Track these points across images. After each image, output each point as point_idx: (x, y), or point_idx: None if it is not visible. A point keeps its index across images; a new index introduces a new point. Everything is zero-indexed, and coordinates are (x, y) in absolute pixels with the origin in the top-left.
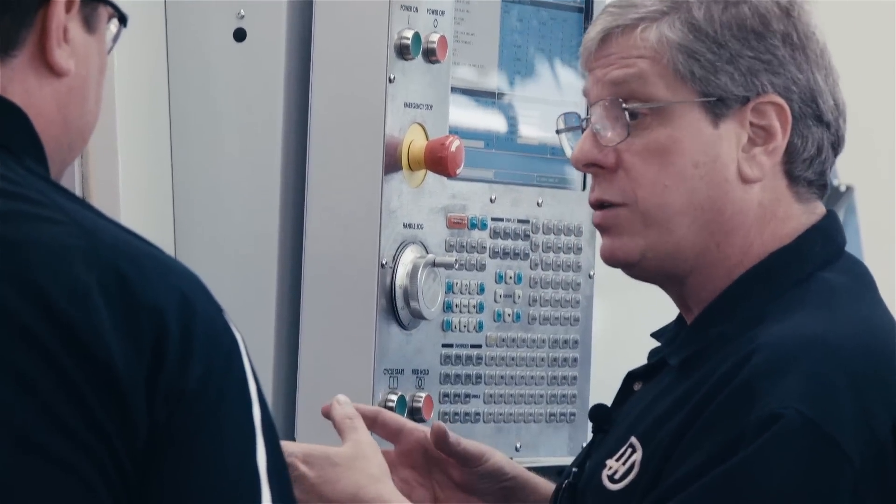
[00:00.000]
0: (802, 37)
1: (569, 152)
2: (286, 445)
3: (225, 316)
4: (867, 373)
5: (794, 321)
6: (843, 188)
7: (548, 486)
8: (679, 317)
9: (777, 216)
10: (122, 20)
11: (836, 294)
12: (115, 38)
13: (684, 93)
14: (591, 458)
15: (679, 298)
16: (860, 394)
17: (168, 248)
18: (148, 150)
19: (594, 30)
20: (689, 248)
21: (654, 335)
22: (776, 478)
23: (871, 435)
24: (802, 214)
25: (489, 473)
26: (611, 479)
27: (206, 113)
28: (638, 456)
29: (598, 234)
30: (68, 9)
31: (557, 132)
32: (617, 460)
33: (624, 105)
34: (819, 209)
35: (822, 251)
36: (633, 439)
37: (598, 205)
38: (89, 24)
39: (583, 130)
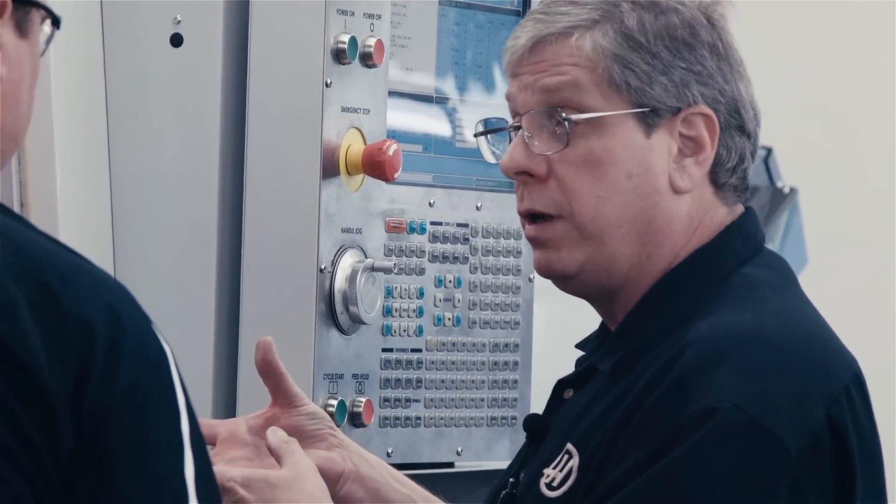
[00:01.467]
0: (727, 46)
1: (489, 157)
2: (225, 471)
3: (154, 328)
4: (799, 363)
5: (721, 317)
6: (786, 190)
7: (375, 456)
8: (602, 324)
9: (703, 223)
10: (56, 23)
11: (759, 288)
12: (49, 40)
13: (618, 102)
14: (527, 467)
15: (607, 312)
16: (793, 384)
17: (106, 253)
18: (85, 155)
19: (524, 35)
20: (623, 260)
21: (578, 346)
22: (714, 472)
23: (807, 425)
24: (726, 217)
25: (314, 414)
26: (549, 486)
27: (144, 118)
28: (575, 462)
29: None
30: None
31: (475, 135)
32: (554, 468)
33: (561, 116)
34: (738, 208)
35: (742, 248)
36: (569, 445)
37: (528, 215)
38: (21, 29)
39: (510, 137)
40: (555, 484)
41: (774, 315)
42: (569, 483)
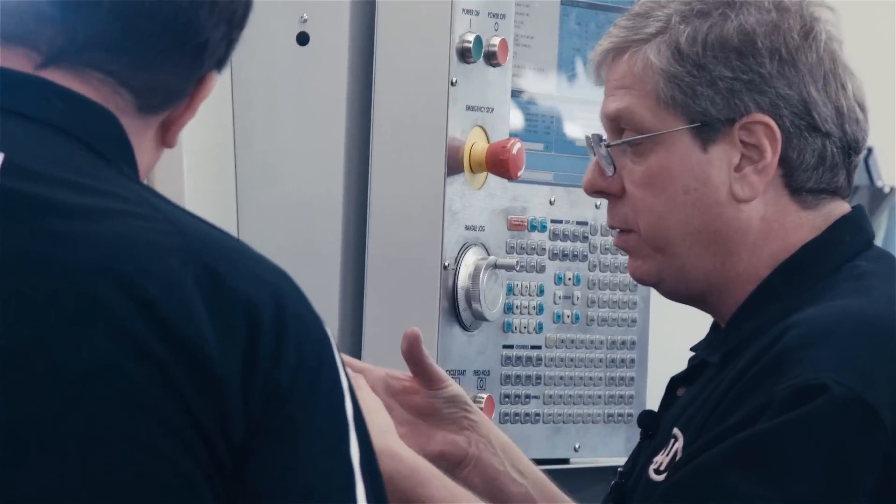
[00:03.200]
0: (793, 50)
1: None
2: None
3: (315, 311)
4: None
5: (828, 302)
6: (886, 189)
7: (507, 438)
8: (713, 325)
9: (785, 226)
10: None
11: (868, 278)
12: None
13: (669, 120)
14: (639, 461)
15: (711, 313)
16: (893, 366)
17: None
18: (212, 155)
19: (597, 49)
20: (695, 269)
21: (693, 348)
22: (809, 443)
23: None
24: (816, 217)
25: (453, 398)
26: (657, 471)
27: (270, 116)
28: (680, 443)
29: None
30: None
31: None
32: (662, 454)
33: (606, 143)
34: (839, 208)
35: (852, 241)
36: (675, 430)
37: (611, 228)
38: None
39: (593, 155)
40: (661, 468)
41: (881, 300)
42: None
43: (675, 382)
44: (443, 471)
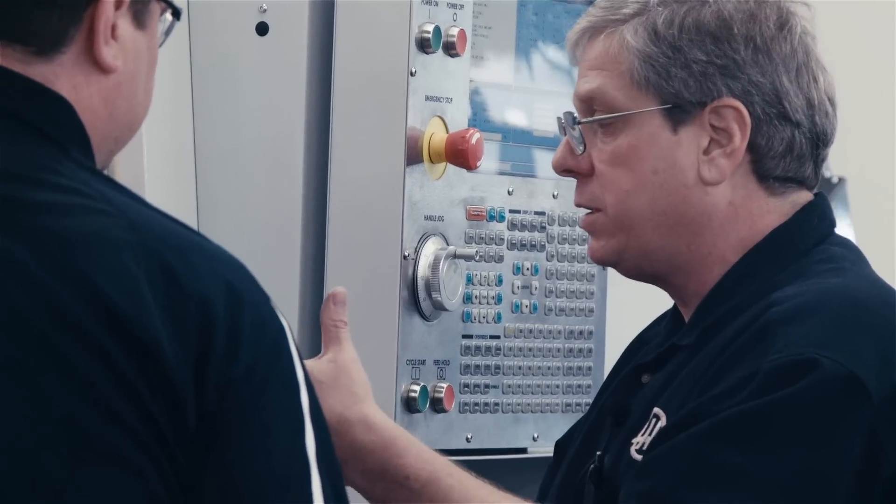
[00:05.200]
0: (768, 39)
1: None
2: None
3: (272, 304)
4: (884, 320)
5: (808, 281)
6: (835, 180)
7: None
8: (674, 309)
9: (751, 212)
10: (176, 14)
11: (840, 260)
12: (168, 31)
13: (643, 100)
14: (612, 446)
15: (674, 294)
16: (878, 339)
17: None
18: (171, 144)
19: (574, 28)
20: (658, 250)
21: (645, 331)
22: (801, 419)
23: (889, 377)
24: (784, 205)
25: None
26: (639, 451)
27: (229, 106)
28: (662, 422)
29: None
30: (117, 6)
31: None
32: (642, 434)
33: (577, 120)
34: (803, 196)
35: (819, 226)
36: (656, 409)
37: (579, 207)
38: (139, 21)
39: (564, 135)
40: (644, 447)
41: (858, 279)
42: None
43: (639, 369)
44: None
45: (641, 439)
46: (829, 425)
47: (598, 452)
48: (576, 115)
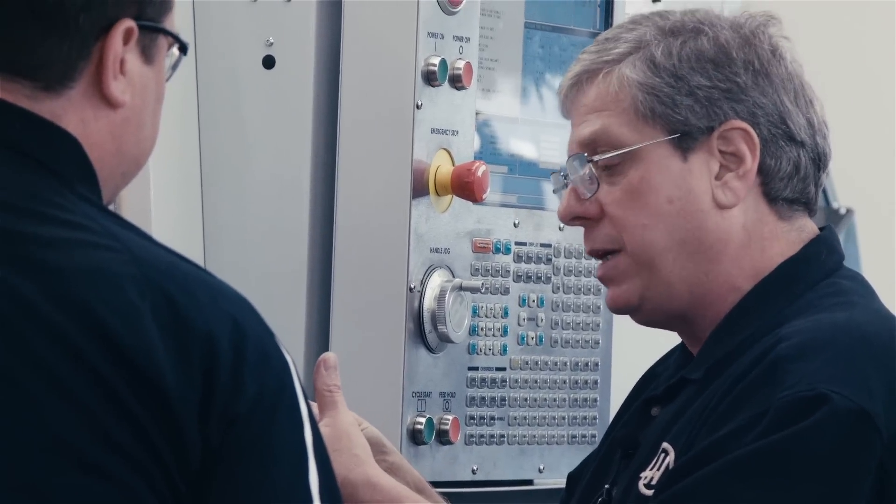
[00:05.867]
0: (765, 62)
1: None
2: None
3: (276, 339)
4: (892, 355)
5: (816, 315)
6: (842, 211)
7: (420, 477)
8: (683, 345)
9: (763, 236)
10: (183, 49)
11: (848, 294)
12: (175, 66)
13: (649, 132)
14: (621, 478)
15: (689, 334)
16: (886, 372)
17: None
18: (178, 178)
19: (566, 77)
20: (679, 282)
21: (656, 364)
22: (812, 456)
23: None
24: (790, 231)
25: (370, 442)
26: (647, 486)
27: (236, 139)
28: (671, 458)
29: None
30: (126, 41)
31: (555, 192)
32: (650, 469)
33: (587, 158)
34: (809, 225)
35: (827, 260)
36: (665, 444)
37: (593, 255)
38: (147, 55)
39: (566, 185)
40: (653, 483)
41: (866, 313)
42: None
43: (649, 402)
44: None
45: (650, 474)
46: (842, 461)
47: (606, 486)
48: (585, 155)
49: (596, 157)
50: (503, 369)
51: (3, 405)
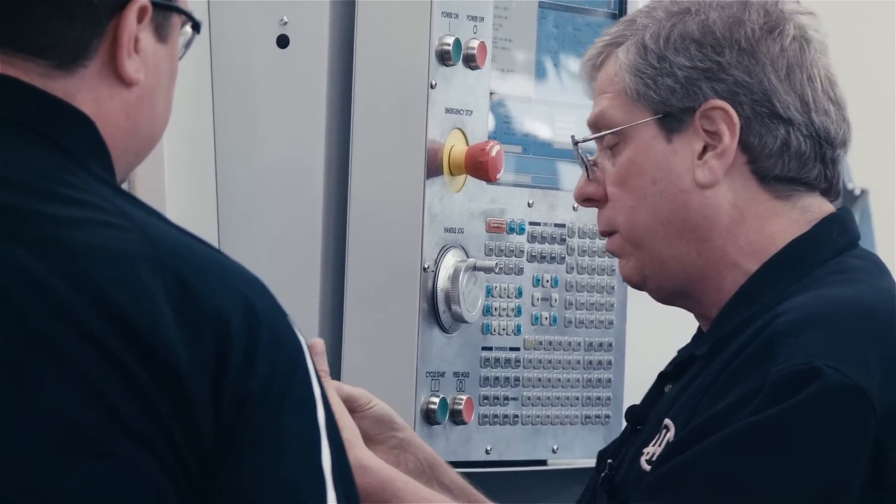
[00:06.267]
0: (753, 41)
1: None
2: None
3: (288, 319)
4: (892, 330)
5: (817, 291)
6: (857, 192)
7: (432, 452)
8: (698, 330)
9: (759, 214)
10: (196, 27)
11: (855, 271)
12: (188, 44)
13: (637, 115)
14: (627, 454)
15: (697, 312)
16: (884, 349)
17: None
18: (192, 155)
19: (581, 63)
20: (671, 260)
21: (681, 351)
22: (805, 431)
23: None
24: (792, 210)
25: (380, 418)
26: (649, 462)
27: (250, 118)
28: (671, 433)
29: None
30: (140, 19)
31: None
32: (653, 445)
33: (576, 140)
34: (818, 204)
35: (839, 239)
36: (666, 420)
37: (601, 235)
38: (161, 34)
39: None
40: (653, 458)
41: (871, 289)
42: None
43: (662, 378)
44: None
45: (652, 449)
46: (837, 435)
47: (609, 461)
48: (588, 136)
49: (590, 138)
50: (517, 349)
51: (12, 383)
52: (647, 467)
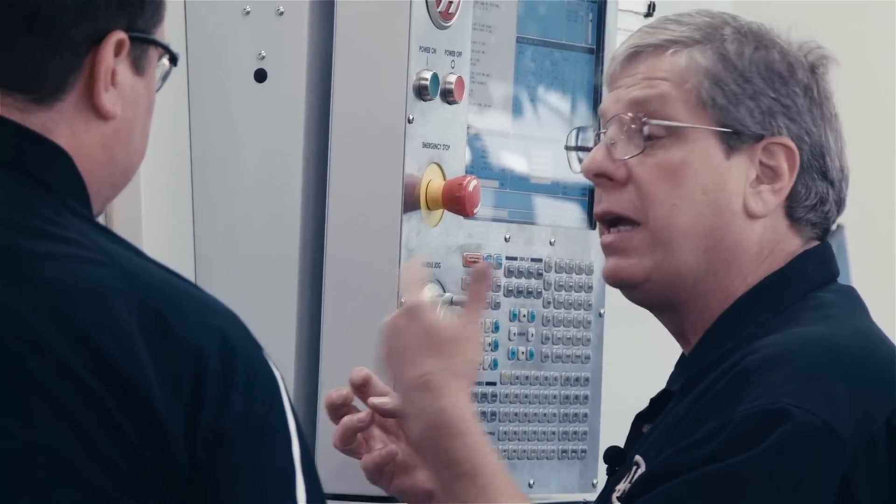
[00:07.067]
0: (822, 95)
1: (576, 167)
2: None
3: (264, 354)
4: (863, 371)
5: (792, 329)
6: (833, 226)
7: None
8: (680, 358)
9: (774, 253)
10: (173, 59)
11: (830, 307)
12: (165, 76)
13: (703, 119)
14: (605, 493)
15: (675, 327)
16: (855, 389)
17: None
18: (169, 190)
19: (624, 45)
20: (689, 272)
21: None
22: (774, 474)
23: (866, 427)
24: (799, 248)
25: None
26: (620, 499)
27: (228, 152)
28: (642, 469)
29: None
30: (117, 52)
31: (566, 148)
32: (624, 482)
33: (644, 120)
34: (813, 242)
35: (815, 273)
36: (637, 457)
37: (604, 217)
38: (138, 67)
39: (594, 144)
40: (623, 495)
41: (843, 328)
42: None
43: (639, 419)
44: None
45: (623, 486)
46: (805, 479)
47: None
48: (642, 116)
49: (654, 121)
50: (493, 384)
51: None
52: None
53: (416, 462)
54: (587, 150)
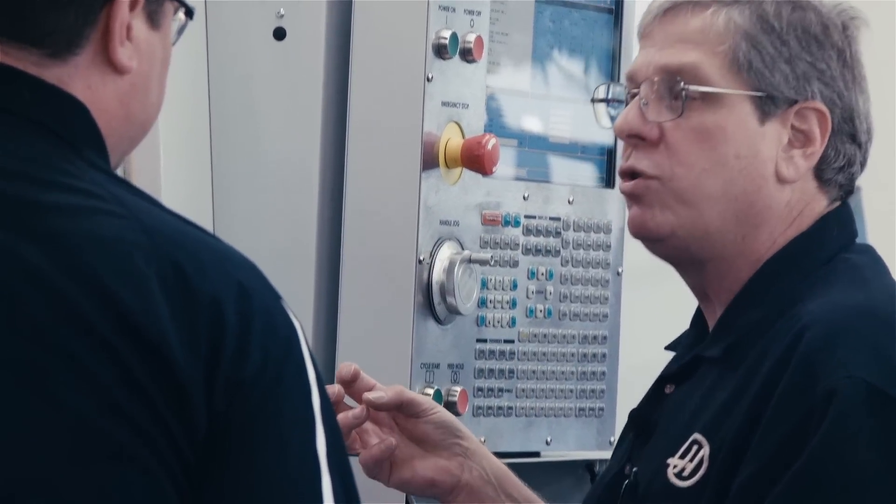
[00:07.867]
0: (853, 57)
1: (605, 122)
2: None
3: (283, 304)
4: None
5: (832, 296)
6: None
7: (499, 463)
8: (693, 321)
9: (802, 214)
10: (189, 13)
11: (862, 269)
12: (181, 30)
13: (738, 83)
14: (641, 460)
15: (697, 286)
16: None
17: None
18: (188, 149)
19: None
20: (716, 234)
21: (668, 347)
22: (855, 453)
23: None
24: (825, 209)
25: (443, 424)
26: (679, 476)
27: (246, 111)
28: (705, 451)
29: (626, 230)
30: (132, 7)
31: (593, 101)
32: (682, 458)
33: (681, 85)
34: (836, 203)
35: (839, 235)
36: (698, 435)
37: (629, 173)
38: (153, 21)
39: (627, 102)
40: (686, 474)
41: (881, 293)
42: (701, 472)
43: (663, 380)
44: (433, 498)
45: (681, 463)
46: (884, 446)
47: (629, 468)
48: (680, 80)
49: (691, 87)
50: (511, 342)
51: (9, 373)
52: (678, 482)
53: (413, 453)
54: (617, 102)
